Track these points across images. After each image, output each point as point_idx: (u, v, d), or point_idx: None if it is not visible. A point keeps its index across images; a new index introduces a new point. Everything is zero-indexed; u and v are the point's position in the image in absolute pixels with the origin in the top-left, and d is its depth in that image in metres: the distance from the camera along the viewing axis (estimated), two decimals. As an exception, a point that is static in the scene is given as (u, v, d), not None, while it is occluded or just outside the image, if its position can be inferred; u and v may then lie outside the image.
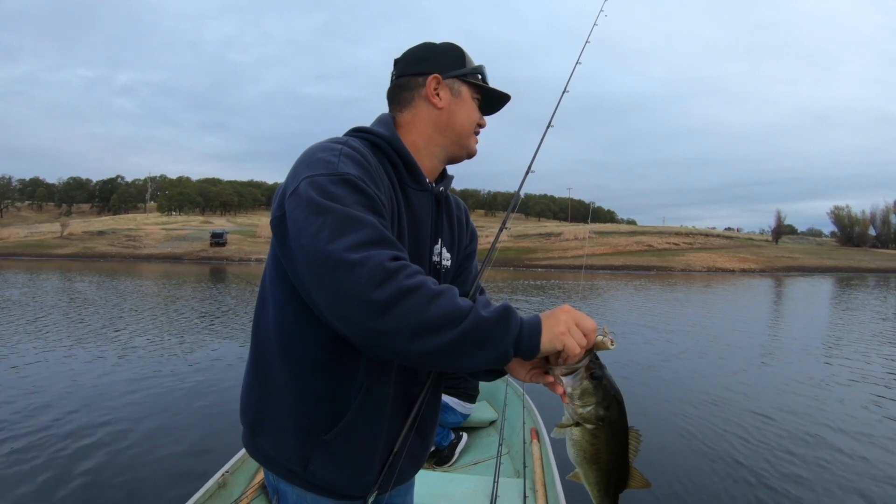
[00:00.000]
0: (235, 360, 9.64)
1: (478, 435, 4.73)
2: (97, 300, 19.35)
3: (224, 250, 71.51)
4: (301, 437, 1.34)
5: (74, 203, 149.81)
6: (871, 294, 31.06)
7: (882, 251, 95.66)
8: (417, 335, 1.07)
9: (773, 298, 29.08)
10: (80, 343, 10.76)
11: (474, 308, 1.12)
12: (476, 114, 1.52)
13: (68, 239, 78.87)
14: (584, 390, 1.21)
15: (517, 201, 1.86)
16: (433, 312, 1.08)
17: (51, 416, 6.20)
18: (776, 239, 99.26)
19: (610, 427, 1.24)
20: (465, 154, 1.55)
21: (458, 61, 1.50)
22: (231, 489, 3.22)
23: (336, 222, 1.14)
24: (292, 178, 1.26)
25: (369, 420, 1.37)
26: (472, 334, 1.10)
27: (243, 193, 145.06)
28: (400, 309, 1.07)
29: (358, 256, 1.09)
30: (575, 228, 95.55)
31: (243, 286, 25.82)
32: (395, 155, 1.41)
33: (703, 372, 9.56)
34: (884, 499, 4.60)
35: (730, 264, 69.21)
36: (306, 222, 1.16)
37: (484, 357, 1.12)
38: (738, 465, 5.25)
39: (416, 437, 1.51)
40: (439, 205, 1.55)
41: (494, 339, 1.12)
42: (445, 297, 1.11)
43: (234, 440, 4.99)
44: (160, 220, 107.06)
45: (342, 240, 1.11)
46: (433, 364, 1.14)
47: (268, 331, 1.38)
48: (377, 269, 1.08)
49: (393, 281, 1.08)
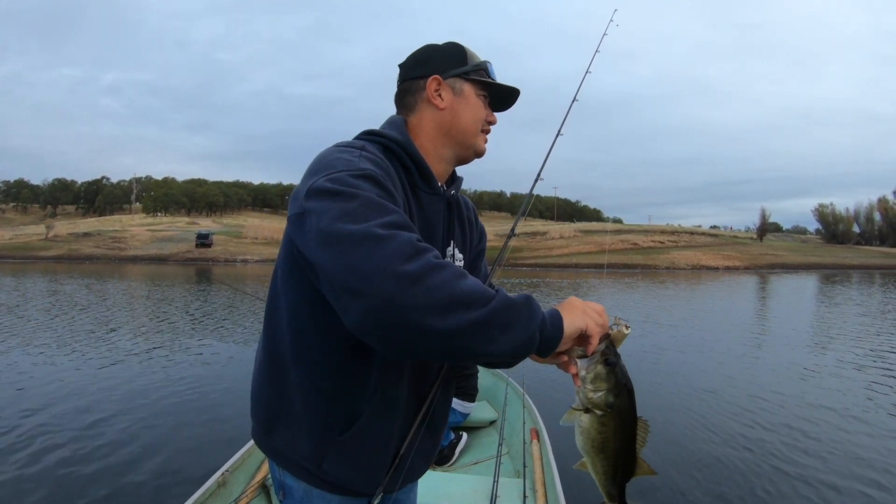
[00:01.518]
0: (233, 358, 9.81)
1: (478, 435, 4.74)
2: (92, 302, 19.25)
3: (210, 251, 70.87)
4: (316, 437, 1.35)
5: (59, 204, 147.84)
6: (860, 290, 31.42)
7: (866, 248, 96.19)
8: (446, 309, 1.01)
9: (761, 295, 29.37)
10: (76, 344, 10.78)
11: (501, 291, 1.10)
12: (482, 111, 1.50)
13: (53, 241, 78.04)
14: (597, 375, 1.22)
15: (527, 205, 1.99)
16: (463, 288, 1.04)
17: (50, 416, 6.25)
18: (761, 237, 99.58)
19: (619, 415, 1.25)
20: (472, 154, 1.54)
21: (459, 60, 1.49)
22: (231, 488, 3.23)
23: (361, 206, 1.10)
24: (310, 175, 1.22)
25: (383, 420, 1.37)
26: (503, 314, 1.07)
27: (229, 194, 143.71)
28: (430, 281, 1.02)
29: (386, 233, 1.05)
30: (561, 227, 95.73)
31: (230, 287, 25.74)
32: (408, 159, 1.40)
33: (699, 365, 9.95)
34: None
35: (714, 262, 69.56)
36: (329, 209, 1.11)
37: (508, 341, 1.08)
38: (736, 449, 5.47)
39: (427, 435, 1.51)
40: (451, 208, 1.55)
41: (522, 321, 1.09)
42: (472, 278, 1.08)
43: (234, 439, 5.15)
44: (145, 221, 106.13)
45: (368, 221, 1.07)
46: (453, 347, 1.05)
47: (281, 331, 1.38)
48: (406, 245, 1.04)
49: (423, 256, 1.04)
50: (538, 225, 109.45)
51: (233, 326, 13.67)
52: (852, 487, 4.70)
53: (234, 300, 20.19)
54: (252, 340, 11.35)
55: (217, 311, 17.07)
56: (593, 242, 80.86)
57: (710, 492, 4.61)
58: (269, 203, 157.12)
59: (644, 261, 68.04)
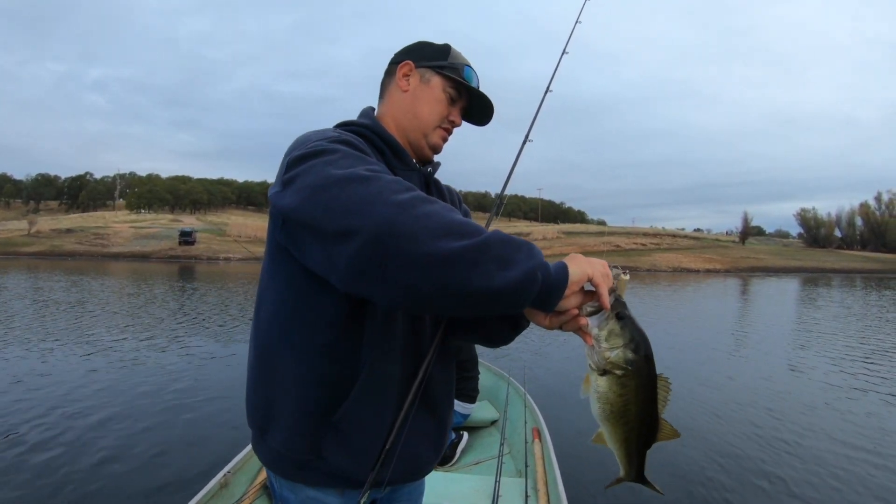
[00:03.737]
0: (232, 358, 9.75)
1: (479, 434, 4.71)
2: (85, 300, 19.17)
3: (193, 249, 70.52)
4: (311, 425, 1.34)
5: (42, 200, 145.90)
6: (843, 293, 31.86)
7: (847, 252, 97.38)
8: (439, 236, 0.99)
9: (741, 297, 29.77)
10: (73, 345, 10.65)
11: (496, 231, 1.07)
12: (443, 107, 1.50)
13: (35, 237, 77.37)
14: (611, 331, 1.15)
15: (500, 207, 2.01)
16: (455, 218, 1.03)
17: (50, 417, 6.24)
18: (743, 240, 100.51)
19: (638, 373, 1.16)
20: (425, 144, 1.51)
21: (438, 54, 1.50)
22: (233, 489, 3.21)
23: (343, 157, 1.14)
24: (287, 154, 1.24)
25: (375, 397, 1.35)
26: (499, 246, 1.02)
27: (213, 191, 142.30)
28: (422, 210, 1.02)
29: (371, 174, 1.07)
30: (544, 228, 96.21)
31: (220, 284, 25.72)
32: (380, 140, 1.43)
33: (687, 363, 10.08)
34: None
35: (695, 264, 70.21)
36: (312, 165, 1.14)
37: (506, 277, 1.01)
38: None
39: (427, 416, 1.48)
40: (429, 185, 1.56)
41: (520, 258, 1.03)
42: (464, 217, 1.07)
43: (235, 440, 5.28)
44: (129, 218, 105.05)
45: (353, 168, 1.09)
46: (447, 281, 0.99)
47: (269, 323, 1.38)
48: (394, 182, 1.06)
49: (413, 191, 1.06)
50: (522, 226, 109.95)
51: (233, 326, 13.63)
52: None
53: (230, 299, 20.17)
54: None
55: (215, 310, 16.99)
56: (576, 244, 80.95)
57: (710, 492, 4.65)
58: (254, 201, 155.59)
59: (625, 262, 67.50)
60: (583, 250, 75.25)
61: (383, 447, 1.35)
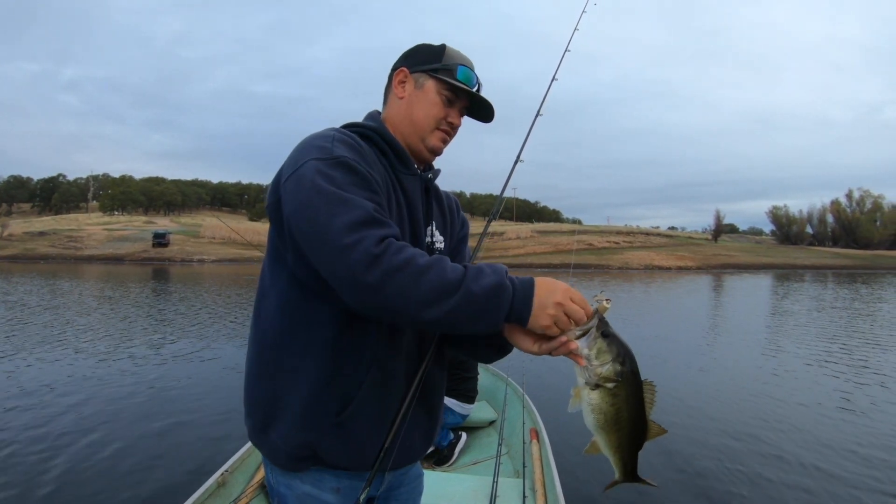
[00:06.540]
0: (233, 357, 9.88)
1: (477, 435, 4.74)
2: (73, 302, 19.10)
3: (166, 251, 69.82)
4: (313, 422, 1.37)
5: (14, 202, 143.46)
6: (814, 288, 32.18)
7: (818, 249, 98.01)
8: (411, 309, 1.13)
9: (718, 294, 29.90)
10: (72, 346, 10.78)
11: (465, 280, 1.16)
12: (438, 109, 1.52)
13: (8, 240, 76.28)
14: (600, 349, 1.25)
15: (499, 208, 2.15)
16: (422, 289, 1.13)
17: (49, 417, 6.31)
18: (715, 237, 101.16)
19: (628, 382, 1.27)
20: (423, 147, 1.55)
21: (432, 58, 1.53)
22: (231, 488, 3.23)
23: (329, 204, 1.20)
24: (289, 164, 1.32)
25: (381, 394, 1.41)
26: (465, 308, 1.15)
27: (187, 193, 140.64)
28: (390, 290, 1.12)
29: (349, 240, 1.14)
30: (517, 228, 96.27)
31: (197, 286, 25.59)
32: (384, 143, 1.48)
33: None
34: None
35: (667, 262, 70.50)
36: (301, 204, 1.23)
37: (478, 329, 1.18)
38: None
39: (422, 410, 1.53)
40: (428, 191, 1.62)
41: (486, 315, 1.17)
42: (434, 271, 1.15)
43: (233, 439, 5.33)
44: (102, 220, 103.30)
45: (335, 220, 1.17)
46: (437, 330, 1.29)
47: (273, 320, 1.42)
48: (364, 255, 1.13)
49: (380, 263, 1.12)
50: (496, 225, 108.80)
51: (232, 327, 13.73)
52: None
53: (212, 300, 20.22)
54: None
55: (210, 311, 17.04)
56: (549, 243, 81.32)
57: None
58: (228, 202, 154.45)
59: (598, 261, 68.59)
60: (556, 249, 75.72)
61: (383, 445, 1.40)
